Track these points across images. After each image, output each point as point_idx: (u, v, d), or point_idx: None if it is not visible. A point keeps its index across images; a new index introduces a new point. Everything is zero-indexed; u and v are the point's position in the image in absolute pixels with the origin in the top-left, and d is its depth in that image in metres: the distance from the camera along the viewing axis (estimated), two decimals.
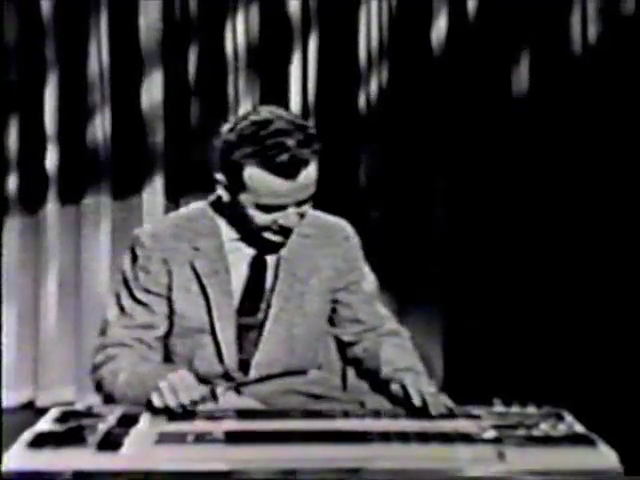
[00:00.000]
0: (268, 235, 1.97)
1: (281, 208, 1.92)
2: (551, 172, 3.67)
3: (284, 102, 3.80)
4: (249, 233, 2.02)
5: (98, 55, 3.90)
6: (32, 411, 3.78)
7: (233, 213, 2.01)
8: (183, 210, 2.14)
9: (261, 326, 2.05)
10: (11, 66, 3.88)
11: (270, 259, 2.07)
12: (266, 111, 1.95)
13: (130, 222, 3.79)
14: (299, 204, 1.94)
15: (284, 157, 1.87)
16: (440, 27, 3.79)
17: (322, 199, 2.62)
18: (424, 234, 3.83)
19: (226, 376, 2.02)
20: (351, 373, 2.30)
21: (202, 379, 1.97)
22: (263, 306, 2.07)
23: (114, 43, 3.89)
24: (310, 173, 1.91)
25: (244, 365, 2.03)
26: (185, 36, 3.89)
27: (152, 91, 3.90)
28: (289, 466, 1.45)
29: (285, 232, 1.98)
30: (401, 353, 2.08)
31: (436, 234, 3.81)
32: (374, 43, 3.83)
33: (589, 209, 3.63)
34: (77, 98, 3.91)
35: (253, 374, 2.02)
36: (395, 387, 1.88)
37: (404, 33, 3.81)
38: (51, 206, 3.95)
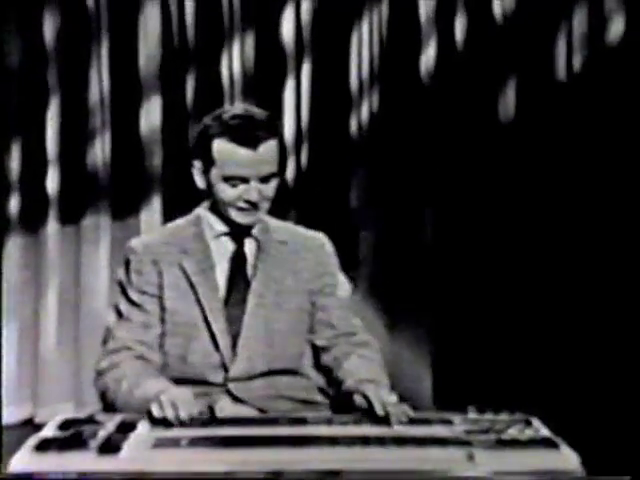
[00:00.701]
0: (234, 214, 2.11)
1: (245, 182, 2.07)
2: (539, 197, 3.72)
3: None
4: (224, 215, 2.17)
5: (99, 81, 3.94)
6: (32, 427, 3.76)
7: (210, 204, 2.18)
8: (170, 224, 2.28)
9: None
10: (14, 91, 3.90)
11: (250, 257, 2.20)
12: (240, 104, 2.21)
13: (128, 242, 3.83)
14: (262, 180, 2.09)
15: (246, 129, 2.07)
16: (429, 56, 3.85)
17: (315, 218, 2.71)
18: (412, 252, 3.86)
19: (223, 366, 2.11)
20: None
21: (196, 380, 2.09)
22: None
23: (114, 70, 3.93)
24: (270, 147, 2.09)
25: (234, 354, 2.13)
26: (183, 63, 3.92)
27: (151, 116, 3.94)
28: (275, 468, 1.54)
29: (250, 209, 2.11)
30: (366, 365, 2.15)
31: (424, 252, 3.85)
32: (365, 70, 3.89)
33: (573, 233, 3.69)
34: (78, 122, 3.94)
35: (238, 364, 2.12)
36: (358, 399, 1.96)
37: (394, 61, 3.87)
38: (52, 226, 3.97)
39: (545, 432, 1.67)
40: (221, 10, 3.90)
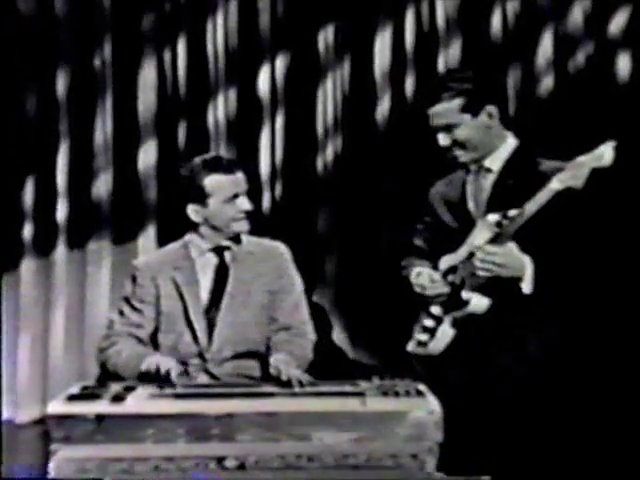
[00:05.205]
0: (238, 225, 2.73)
1: (237, 197, 2.69)
2: None
3: (256, 166, 4.10)
4: (216, 235, 2.72)
5: (103, 126, 4.17)
6: (41, 426, 3.85)
7: (206, 226, 2.73)
8: (165, 247, 2.90)
9: None
10: (31, 134, 4.16)
11: (230, 265, 2.77)
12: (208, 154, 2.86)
13: (127, 264, 3.66)
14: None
15: (223, 163, 2.72)
16: (384, 106, 4.12)
17: (287, 242, 3.07)
18: (370, 273, 4.00)
19: (200, 355, 2.73)
20: None
21: (183, 361, 2.68)
22: None
23: (116, 117, 4.17)
24: (240, 173, 2.73)
25: (210, 343, 2.73)
26: (175, 112, 4.16)
27: (147, 156, 4.17)
28: (228, 411, 2.15)
29: (247, 217, 2.73)
30: (288, 349, 2.68)
31: (383, 281, 3.89)
32: (330, 118, 4.14)
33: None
34: (84, 161, 4.17)
35: (212, 351, 2.73)
36: (272, 369, 2.54)
37: (354, 111, 4.14)
38: (61, 250, 4.20)
39: (421, 388, 2.26)
40: (208, 67, 4.15)
